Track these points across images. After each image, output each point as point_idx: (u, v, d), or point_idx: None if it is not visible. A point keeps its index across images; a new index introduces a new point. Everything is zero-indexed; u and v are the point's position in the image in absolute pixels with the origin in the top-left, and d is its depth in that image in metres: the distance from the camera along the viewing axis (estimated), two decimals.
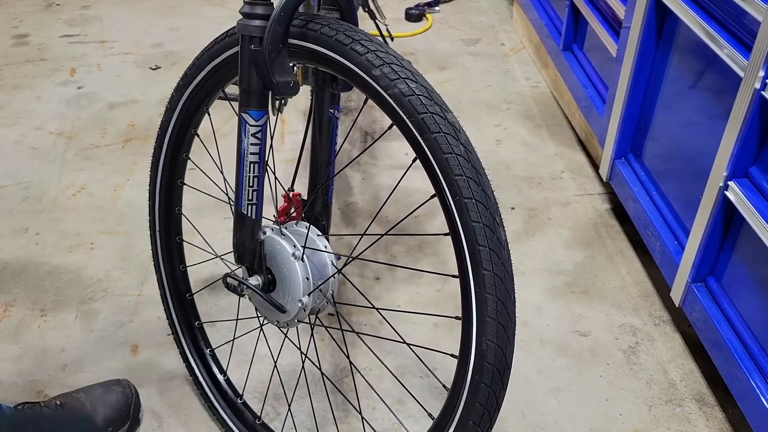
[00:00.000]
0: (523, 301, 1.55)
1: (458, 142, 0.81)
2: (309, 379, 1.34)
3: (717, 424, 1.30)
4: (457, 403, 0.87)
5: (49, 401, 1.20)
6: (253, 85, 0.91)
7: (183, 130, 1.14)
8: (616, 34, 1.72)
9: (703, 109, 1.33)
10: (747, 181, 1.17)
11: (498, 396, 0.84)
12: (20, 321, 1.49)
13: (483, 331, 0.82)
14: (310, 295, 1.00)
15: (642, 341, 1.46)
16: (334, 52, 0.86)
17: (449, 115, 0.83)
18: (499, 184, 1.92)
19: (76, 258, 1.66)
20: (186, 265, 1.28)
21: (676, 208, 1.45)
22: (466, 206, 0.80)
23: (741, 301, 1.23)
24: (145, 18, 2.90)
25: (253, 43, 0.88)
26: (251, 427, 1.24)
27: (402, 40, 2.72)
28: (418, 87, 0.83)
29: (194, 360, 1.29)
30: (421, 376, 1.37)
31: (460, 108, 2.28)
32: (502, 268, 0.81)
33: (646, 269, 1.64)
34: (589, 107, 1.88)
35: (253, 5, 0.88)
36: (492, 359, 0.82)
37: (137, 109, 2.27)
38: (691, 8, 1.30)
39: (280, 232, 1.01)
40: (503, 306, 0.81)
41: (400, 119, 0.83)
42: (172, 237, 1.25)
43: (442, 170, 0.81)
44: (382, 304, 1.54)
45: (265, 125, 0.95)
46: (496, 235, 0.81)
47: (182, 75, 1.08)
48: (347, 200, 1.86)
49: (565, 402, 1.33)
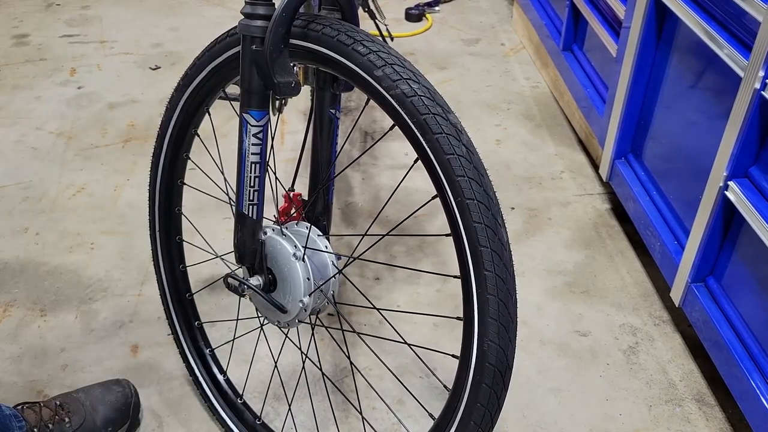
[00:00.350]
0: (523, 301, 1.55)
1: (460, 143, 0.81)
2: (309, 379, 1.34)
3: (717, 424, 1.30)
4: (459, 404, 0.87)
5: (49, 401, 1.20)
6: (254, 86, 0.91)
7: (183, 130, 1.14)
8: (616, 34, 1.72)
9: (703, 109, 1.33)
10: (747, 181, 1.18)
11: (499, 396, 0.85)
12: (20, 321, 1.49)
13: (484, 331, 0.82)
14: (311, 296, 1.00)
15: (642, 341, 1.46)
16: (336, 53, 0.86)
17: (451, 116, 0.83)
18: (499, 184, 1.92)
19: (76, 258, 1.66)
20: (186, 265, 1.28)
21: (676, 208, 1.45)
22: (468, 207, 0.80)
23: (741, 301, 1.23)
24: (145, 18, 2.90)
25: (255, 44, 0.88)
26: (251, 427, 1.24)
27: (402, 40, 2.72)
28: (420, 88, 0.83)
29: (194, 360, 1.29)
30: (421, 377, 1.37)
31: (460, 108, 2.28)
32: (503, 269, 0.81)
33: (646, 269, 1.64)
34: (589, 107, 1.88)
35: (255, 5, 0.88)
36: (493, 360, 0.82)
37: (137, 109, 2.27)
38: (691, 8, 1.30)
39: (281, 233, 1.01)
40: (505, 307, 0.81)
41: (402, 120, 0.83)
42: (171, 237, 1.25)
43: (444, 171, 0.81)
44: (382, 304, 1.55)
45: (267, 125, 0.95)
46: (497, 236, 0.81)
47: (182, 75, 1.08)
48: (347, 200, 1.86)
49: (565, 402, 1.33)
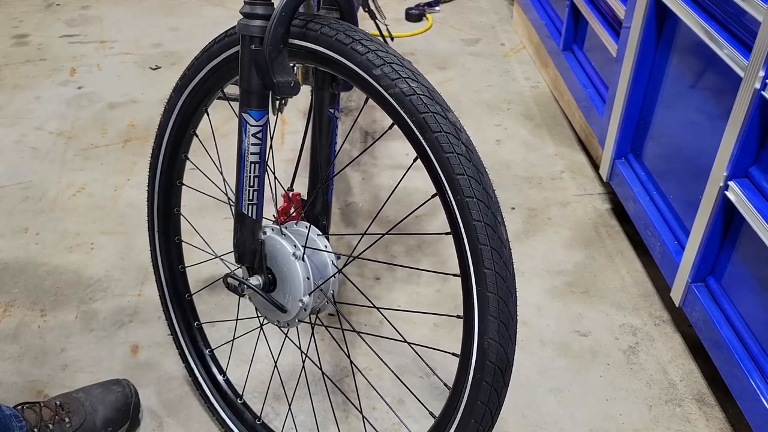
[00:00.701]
0: (523, 301, 1.55)
1: (459, 142, 0.81)
2: (309, 378, 1.34)
3: (717, 424, 1.30)
4: (459, 402, 0.87)
5: (49, 401, 1.20)
6: (253, 85, 0.91)
7: (182, 131, 1.14)
8: (616, 34, 1.72)
9: (703, 109, 1.33)
10: (747, 181, 1.17)
11: (500, 394, 0.85)
12: (20, 321, 1.49)
13: (485, 329, 0.82)
14: (310, 295, 1.00)
15: (642, 341, 1.46)
16: (335, 52, 0.86)
17: (450, 115, 0.83)
18: (499, 184, 1.92)
19: (76, 258, 1.66)
20: (185, 266, 1.28)
21: (676, 208, 1.45)
22: (467, 205, 0.80)
23: (741, 301, 1.23)
24: (145, 18, 2.90)
25: (254, 43, 0.88)
26: (251, 427, 1.24)
27: (402, 40, 2.72)
28: (419, 86, 0.83)
29: (193, 361, 1.29)
30: (422, 376, 1.37)
31: (460, 108, 2.28)
32: (503, 267, 0.81)
33: (646, 269, 1.64)
34: (589, 107, 1.88)
35: (254, 5, 0.88)
36: (494, 358, 0.82)
37: (137, 109, 2.27)
38: (691, 8, 1.30)
39: (281, 232, 1.01)
40: (505, 304, 0.81)
41: (401, 119, 0.83)
42: (170, 237, 1.25)
43: (443, 169, 0.81)
44: (382, 303, 1.55)
45: (266, 125, 0.95)
46: (497, 234, 0.81)
47: (181, 75, 1.08)
48: (347, 200, 1.86)
49: (565, 402, 1.33)
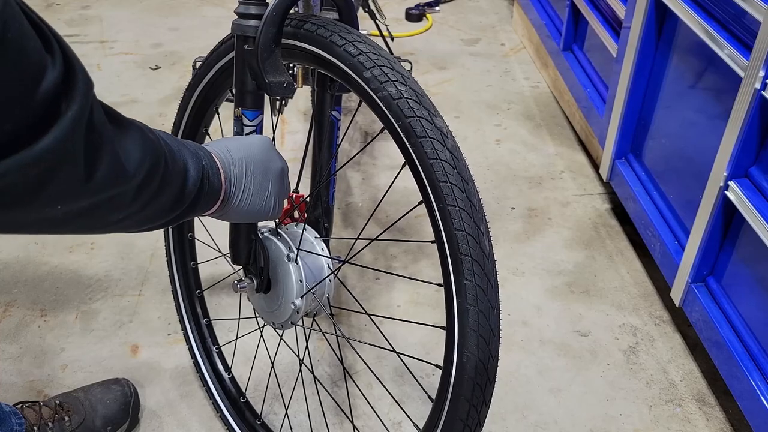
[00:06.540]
0: (523, 301, 1.55)
1: (444, 148, 0.78)
2: (307, 381, 1.34)
3: (717, 424, 1.29)
4: (440, 416, 0.84)
5: (49, 400, 1.20)
6: (247, 85, 0.91)
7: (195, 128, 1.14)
8: (616, 34, 1.72)
9: (703, 109, 1.33)
10: (747, 181, 1.17)
11: (479, 411, 0.81)
12: (20, 321, 1.49)
13: (464, 343, 0.78)
14: (302, 298, 0.99)
15: (642, 341, 1.46)
16: (328, 53, 0.85)
17: (437, 120, 0.80)
18: (499, 184, 1.92)
19: (76, 258, 1.66)
20: (197, 262, 1.30)
21: (676, 208, 1.45)
22: (449, 213, 0.77)
23: (741, 301, 1.22)
24: (145, 18, 2.90)
25: (247, 43, 0.88)
26: (251, 426, 1.24)
27: (402, 40, 2.72)
28: (407, 90, 0.80)
29: (201, 357, 1.31)
30: (414, 383, 1.37)
31: (460, 108, 2.28)
32: (484, 279, 0.77)
33: (646, 269, 1.64)
34: (589, 107, 1.88)
35: (247, 5, 0.88)
36: (472, 372, 0.79)
37: (137, 109, 2.27)
38: (692, 8, 1.30)
39: (277, 233, 1.01)
40: (485, 318, 0.78)
41: (389, 122, 0.81)
42: (184, 233, 1.26)
43: (427, 176, 0.78)
44: (381, 303, 1.54)
45: (261, 125, 0.95)
46: (479, 245, 0.77)
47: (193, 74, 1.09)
48: (347, 200, 1.86)
49: (565, 402, 1.33)
